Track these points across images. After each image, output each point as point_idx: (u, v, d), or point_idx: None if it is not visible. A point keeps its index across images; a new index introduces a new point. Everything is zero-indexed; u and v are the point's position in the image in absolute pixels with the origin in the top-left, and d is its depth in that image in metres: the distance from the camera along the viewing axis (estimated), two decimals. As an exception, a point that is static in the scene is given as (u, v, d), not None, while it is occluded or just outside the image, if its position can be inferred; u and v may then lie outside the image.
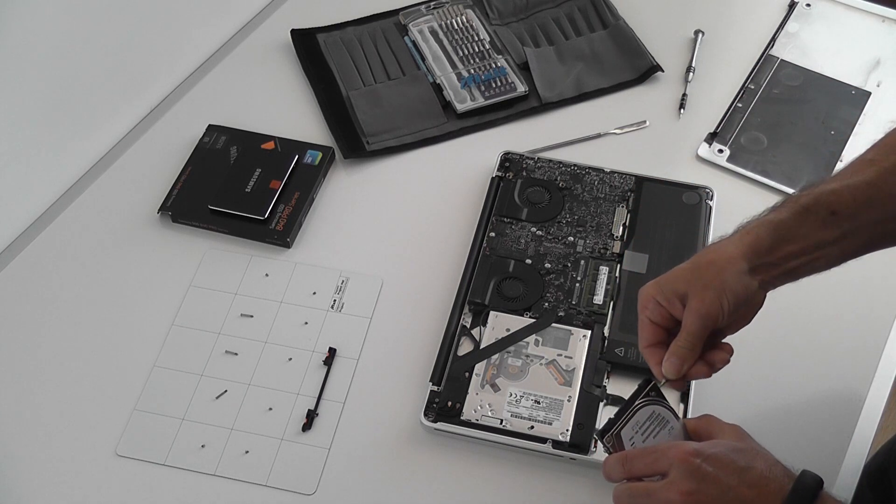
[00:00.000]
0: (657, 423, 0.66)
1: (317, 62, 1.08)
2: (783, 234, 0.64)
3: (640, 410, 0.66)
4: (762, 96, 1.04)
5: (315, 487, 0.77)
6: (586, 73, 1.06)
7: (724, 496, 0.58)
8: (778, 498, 0.58)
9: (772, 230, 0.64)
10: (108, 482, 0.77)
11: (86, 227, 0.94)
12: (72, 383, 0.83)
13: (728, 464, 0.59)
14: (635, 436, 0.66)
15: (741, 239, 0.65)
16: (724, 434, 0.64)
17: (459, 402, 0.79)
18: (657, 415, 0.66)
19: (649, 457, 0.62)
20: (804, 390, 0.82)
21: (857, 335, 0.85)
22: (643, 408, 0.66)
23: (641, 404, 0.66)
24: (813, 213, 0.64)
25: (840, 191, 0.64)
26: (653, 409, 0.66)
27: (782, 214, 0.65)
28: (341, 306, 0.88)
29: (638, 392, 0.67)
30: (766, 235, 0.64)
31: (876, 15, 1.12)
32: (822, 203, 0.64)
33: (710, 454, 0.60)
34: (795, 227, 0.64)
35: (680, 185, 0.94)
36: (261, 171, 0.96)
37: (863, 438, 0.79)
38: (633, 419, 0.66)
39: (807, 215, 0.64)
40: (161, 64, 1.06)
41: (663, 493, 0.60)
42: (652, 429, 0.66)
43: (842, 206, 0.64)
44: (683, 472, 0.59)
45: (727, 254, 0.64)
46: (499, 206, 0.92)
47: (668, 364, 0.65)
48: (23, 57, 0.88)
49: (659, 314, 0.66)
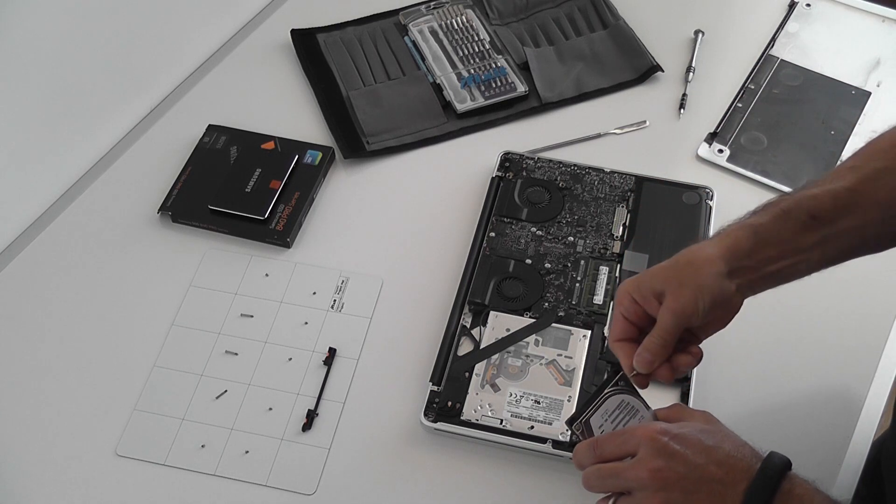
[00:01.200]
0: (627, 412, 0.66)
1: (317, 62, 1.08)
2: (763, 237, 0.64)
3: (609, 399, 0.66)
4: (762, 96, 1.04)
5: (315, 487, 0.77)
6: (586, 73, 1.06)
7: (692, 474, 0.59)
8: (746, 477, 0.58)
9: (751, 233, 0.64)
10: (108, 482, 0.77)
11: (86, 227, 0.94)
12: (72, 383, 0.83)
13: (696, 443, 0.60)
14: (605, 423, 0.66)
15: (720, 241, 0.65)
16: (694, 419, 0.64)
17: (459, 402, 0.79)
18: (627, 404, 0.67)
19: (618, 438, 0.63)
20: (804, 389, 0.82)
21: (856, 335, 0.85)
22: (612, 396, 0.67)
23: (611, 393, 0.67)
24: (793, 217, 0.64)
25: (820, 196, 0.64)
26: (622, 398, 0.67)
27: (762, 218, 0.65)
28: (341, 306, 0.88)
29: (607, 381, 0.67)
30: (745, 238, 0.64)
31: (876, 15, 1.12)
32: (803, 207, 0.64)
33: (678, 433, 0.60)
34: (775, 230, 0.64)
35: (680, 185, 0.94)
36: (261, 171, 0.96)
37: (863, 438, 0.79)
38: (603, 407, 0.66)
39: (787, 219, 0.64)
40: (161, 64, 1.06)
41: (631, 472, 0.60)
42: (622, 417, 0.66)
43: (822, 211, 0.64)
44: (651, 451, 0.60)
45: (706, 254, 0.64)
46: (499, 206, 0.92)
47: (640, 358, 0.65)
48: (23, 57, 0.88)
49: (634, 311, 0.67)
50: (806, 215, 0.64)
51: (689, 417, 0.65)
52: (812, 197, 0.64)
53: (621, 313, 0.67)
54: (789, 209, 0.64)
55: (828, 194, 0.64)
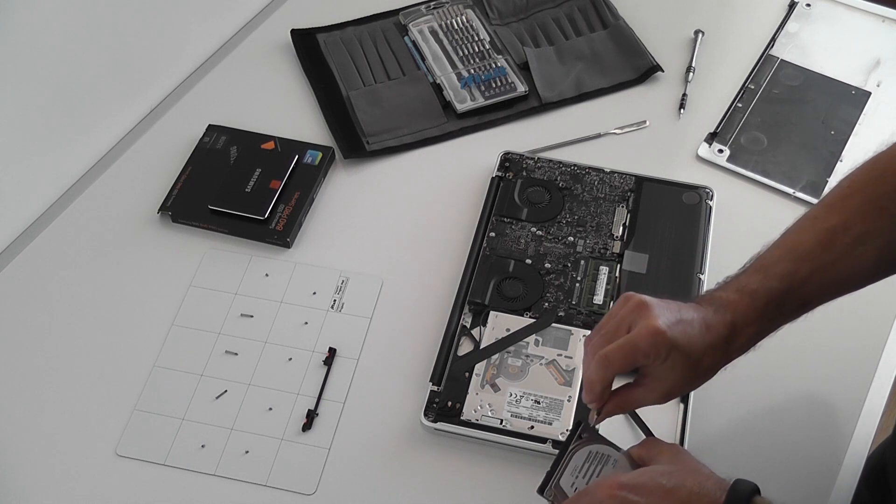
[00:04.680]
0: (598, 462, 0.65)
1: (317, 62, 1.08)
2: (760, 330, 0.64)
3: (575, 454, 0.65)
4: (762, 96, 1.04)
5: (315, 487, 0.77)
6: (586, 73, 1.06)
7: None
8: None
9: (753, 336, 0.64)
10: (108, 482, 0.77)
11: (86, 227, 0.94)
12: (72, 383, 0.83)
13: (655, 488, 0.59)
14: (577, 481, 0.65)
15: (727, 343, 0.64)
16: (662, 456, 0.63)
17: (459, 402, 0.79)
18: (595, 453, 0.65)
19: (582, 500, 0.62)
20: (804, 391, 0.82)
21: (856, 336, 0.85)
22: (577, 451, 0.65)
23: (574, 449, 0.65)
24: (787, 309, 0.65)
25: (809, 280, 0.64)
26: (589, 450, 0.65)
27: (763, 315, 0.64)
28: (341, 306, 0.88)
29: (570, 436, 0.66)
30: (747, 342, 0.65)
31: (876, 15, 1.12)
32: (794, 297, 0.64)
33: (636, 483, 0.59)
34: (768, 324, 0.65)
35: (680, 185, 0.94)
36: (261, 171, 0.96)
37: (863, 438, 0.79)
38: (570, 465, 0.65)
39: (779, 312, 0.64)
40: (161, 64, 1.06)
41: None
42: (593, 468, 0.65)
43: (813, 297, 0.65)
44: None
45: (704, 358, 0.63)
46: (499, 206, 0.92)
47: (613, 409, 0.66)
48: (23, 57, 0.88)
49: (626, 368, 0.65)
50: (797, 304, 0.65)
51: (658, 454, 0.64)
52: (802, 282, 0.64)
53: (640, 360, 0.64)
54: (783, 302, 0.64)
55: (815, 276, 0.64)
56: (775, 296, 0.64)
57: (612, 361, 0.62)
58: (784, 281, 0.64)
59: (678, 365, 0.62)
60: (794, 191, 0.95)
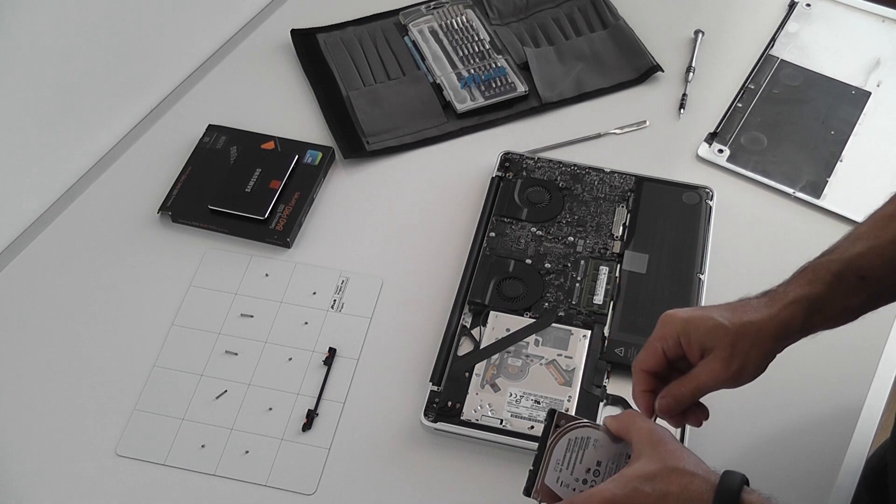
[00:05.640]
0: (579, 447, 0.64)
1: (317, 62, 1.08)
2: (816, 307, 0.63)
3: (555, 449, 0.65)
4: (762, 96, 1.04)
5: (315, 487, 0.77)
6: (586, 73, 1.06)
7: None
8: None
9: (805, 308, 0.63)
10: (108, 482, 0.77)
11: (86, 227, 0.94)
12: (72, 383, 0.83)
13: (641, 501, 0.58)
14: (561, 474, 0.64)
15: (778, 314, 0.63)
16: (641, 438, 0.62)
17: (459, 402, 0.79)
18: (575, 440, 0.65)
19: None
20: (804, 390, 0.82)
21: (856, 336, 0.84)
22: (556, 444, 0.65)
23: (553, 441, 0.65)
24: (845, 281, 0.63)
25: (867, 254, 0.63)
26: (567, 439, 0.65)
27: (816, 287, 0.64)
28: (341, 306, 0.88)
29: (545, 431, 0.65)
30: (800, 315, 0.63)
31: (876, 15, 1.12)
32: (852, 269, 0.63)
33: (621, 496, 0.59)
34: (828, 298, 0.63)
35: (680, 185, 0.94)
36: (261, 171, 0.96)
37: (863, 438, 0.79)
38: (552, 461, 0.64)
39: (838, 284, 0.63)
40: (161, 64, 1.06)
41: None
42: (576, 455, 0.64)
43: (871, 271, 0.63)
44: None
45: (761, 330, 0.63)
46: (499, 206, 0.92)
47: (664, 404, 0.65)
48: (23, 57, 0.88)
49: (674, 351, 0.65)
50: (855, 277, 0.63)
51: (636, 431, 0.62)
52: (859, 256, 0.64)
53: (661, 347, 0.66)
54: (841, 273, 0.63)
55: (874, 252, 0.63)
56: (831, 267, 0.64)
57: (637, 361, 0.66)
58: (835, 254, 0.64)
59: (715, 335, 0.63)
60: (794, 191, 0.95)
